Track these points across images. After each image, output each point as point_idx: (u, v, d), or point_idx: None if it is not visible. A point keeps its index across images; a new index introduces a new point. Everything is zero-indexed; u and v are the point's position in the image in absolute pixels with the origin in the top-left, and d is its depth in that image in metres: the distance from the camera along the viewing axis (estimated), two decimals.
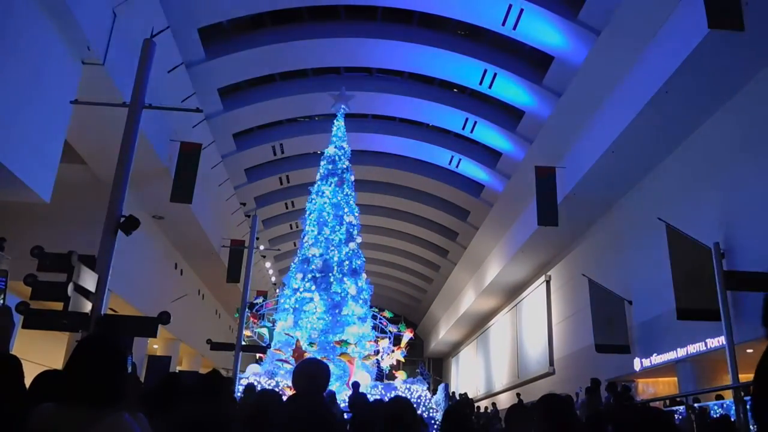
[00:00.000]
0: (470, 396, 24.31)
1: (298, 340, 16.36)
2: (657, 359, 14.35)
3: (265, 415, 3.00)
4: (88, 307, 7.72)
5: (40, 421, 2.09)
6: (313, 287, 17.74)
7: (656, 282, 14.14)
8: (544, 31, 17.13)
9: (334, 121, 20.74)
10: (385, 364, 18.03)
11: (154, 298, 17.84)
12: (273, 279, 32.86)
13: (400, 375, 18.03)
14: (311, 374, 3.04)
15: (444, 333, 37.50)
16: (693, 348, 12.84)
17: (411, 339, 19.15)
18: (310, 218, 19.24)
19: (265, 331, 19.74)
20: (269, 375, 16.36)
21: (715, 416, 9.36)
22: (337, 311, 17.42)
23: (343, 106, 20.64)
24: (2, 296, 9.35)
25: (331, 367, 16.03)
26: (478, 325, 33.59)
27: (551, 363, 21.72)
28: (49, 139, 10.40)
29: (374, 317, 18.93)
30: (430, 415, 15.15)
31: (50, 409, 2.13)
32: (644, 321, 15.22)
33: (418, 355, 40.72)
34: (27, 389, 2.48)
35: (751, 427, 8.30)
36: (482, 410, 22.69)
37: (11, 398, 2.15)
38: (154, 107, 10.06)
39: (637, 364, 15.26)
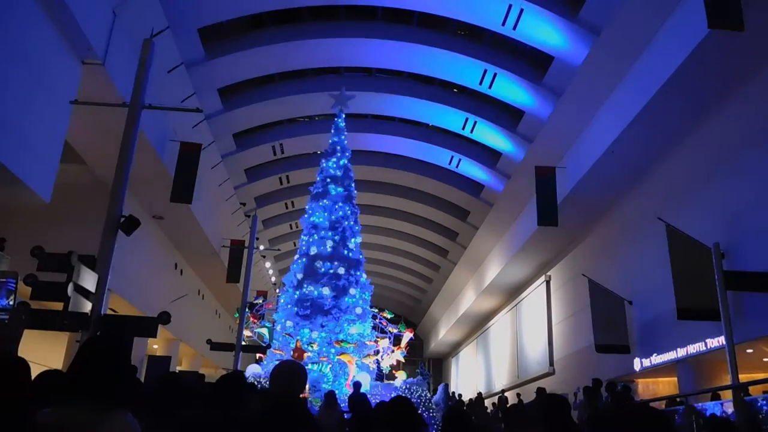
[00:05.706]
0: (470, 397, 24.28)
1: (298, 340, 16.36)
2: (657, 359, 14.33)
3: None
4: (88, 307, 7.75)
5: (44, 425, 2.07)
6: (311, 287, 17.71)
7: (656, 282, 14.13)
8: (544, 31, 17.13)
9: (335, 120, 20.71)
10: (385, 365, 18.02)
11: (154, 298, 17.83)
12: (273, 279, 32.86)
13: (400, 375, 18.02)
14: (288, 375, 3.07)
15: (444, 333, 37.48)
16: (693, 348, 12.83)
17: (411, 339, 19.14)
18: (309, 220, 19.20)
19: (265, 331, 19.73)
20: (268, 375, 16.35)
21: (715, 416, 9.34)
22: (336, 309, 17.38)
23: (341, 109, 20.59)
24: (12, 297, 9.34)
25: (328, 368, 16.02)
26: (478, 325, 33.59)
27: (551, 363, 21.72)
28: (49, 139, 10.39)
29: (374, 317, 18.91)
30: (430, 414, 15.14)
31: (53, 412, 2.12)
32: (644, 321, 15.22)
33: (418, 355, 40.74)
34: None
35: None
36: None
37: (17, 401, 2.14)
38: (154, 107, 10.09)
39: (637, 364, 15.25)
